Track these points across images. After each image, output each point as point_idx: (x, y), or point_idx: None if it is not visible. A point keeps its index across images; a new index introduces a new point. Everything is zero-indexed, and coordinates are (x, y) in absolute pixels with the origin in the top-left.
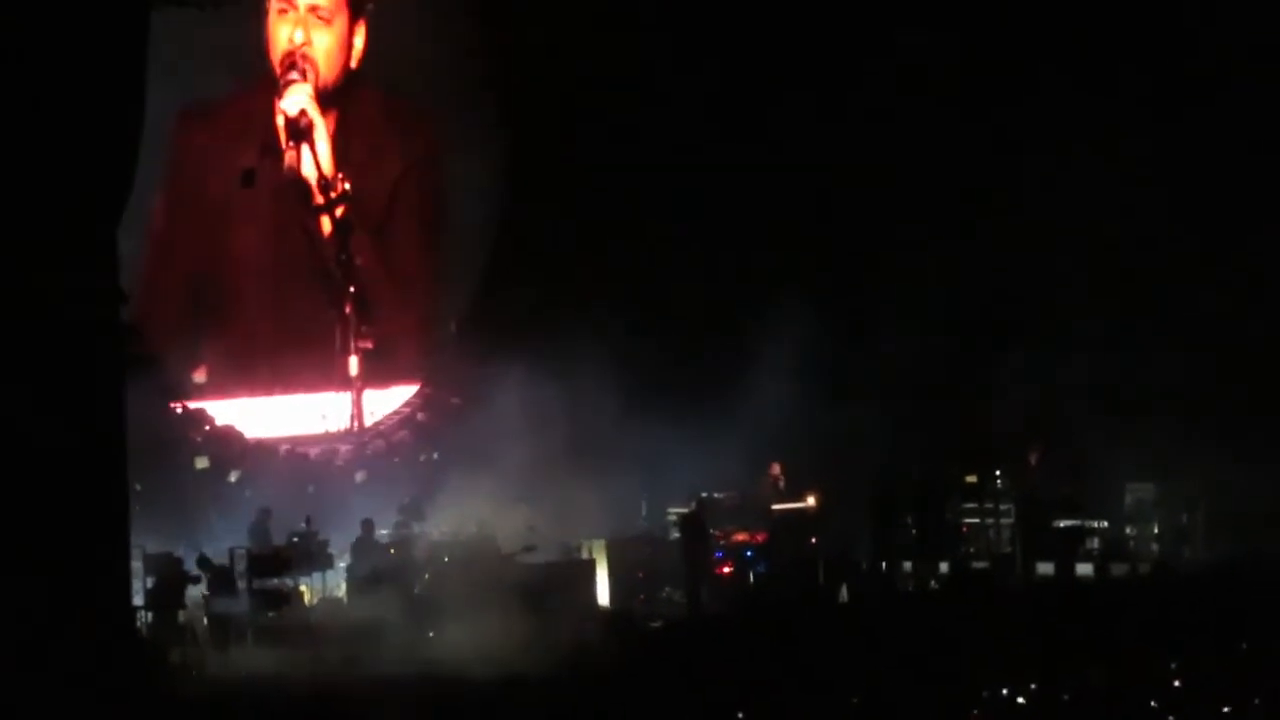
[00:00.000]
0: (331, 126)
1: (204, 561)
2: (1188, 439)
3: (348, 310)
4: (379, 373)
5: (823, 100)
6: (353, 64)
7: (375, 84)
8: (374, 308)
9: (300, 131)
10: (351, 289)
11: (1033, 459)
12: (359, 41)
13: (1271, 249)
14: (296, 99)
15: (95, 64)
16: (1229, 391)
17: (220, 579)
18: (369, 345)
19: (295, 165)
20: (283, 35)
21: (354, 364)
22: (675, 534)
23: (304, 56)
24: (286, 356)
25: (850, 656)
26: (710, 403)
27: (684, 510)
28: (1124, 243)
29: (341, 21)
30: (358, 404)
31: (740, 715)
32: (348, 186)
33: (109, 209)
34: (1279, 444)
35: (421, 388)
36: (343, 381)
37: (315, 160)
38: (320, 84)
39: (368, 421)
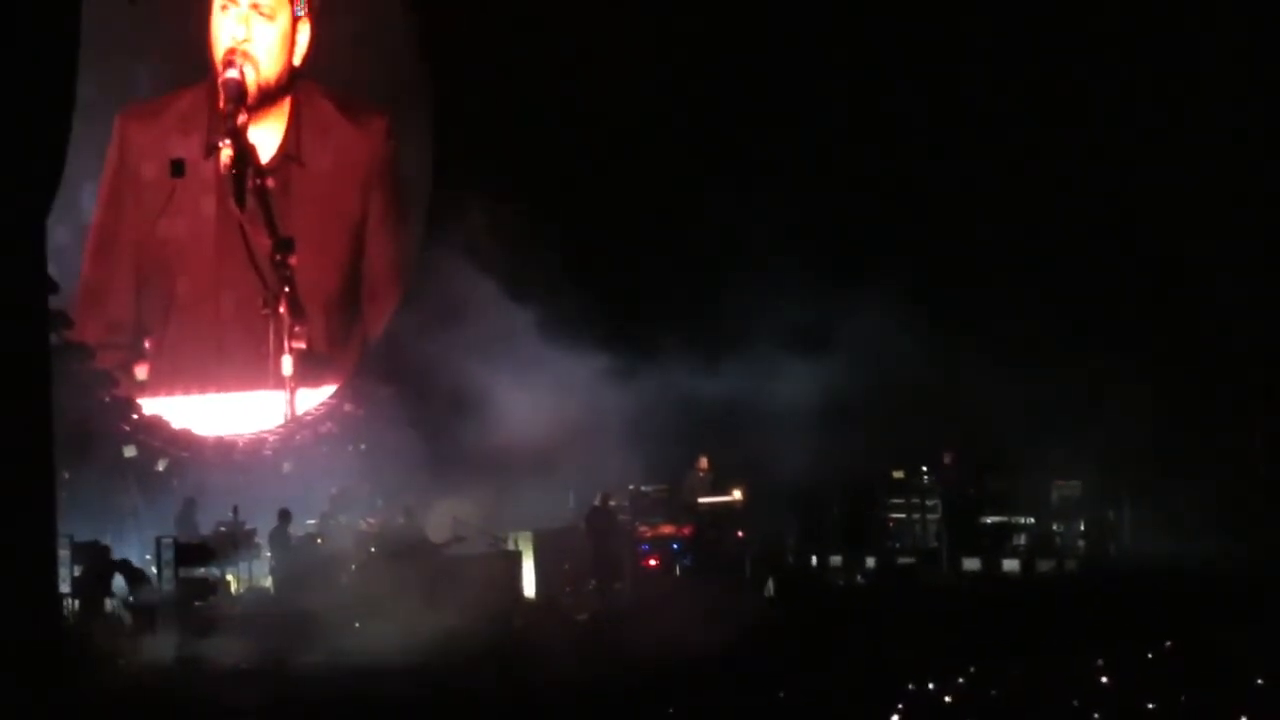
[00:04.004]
0: (285, 122)
1: (125, 565)
2: (1114, 436)
3: (282, 310)
4: (314, 372)
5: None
6: (296, 61)
7: (324, 82)
8: (308, 307)
9: (235, 129)
10: (285, 289)
11: (947, 459)
12: (303, 39)
13: (1202, 246)
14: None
15: (24, 49)
16: (1156, 390)
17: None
18: (302, 345)
19: (229, 161)
20: (224, 31)
21: (287, 363)
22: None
23: (244, 54)
24: (223, 355)
25: (774, 650)
26: (640, 396)
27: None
28: (1055, 241)
29: (285, 18)
30: (292, 404)
31: (670, 711)
32: (271, 182)
33: (38, 195)
34: (1204, 442)
35: (349, 379)
36: (276, 381)
37: (248, 155)
38: (261, 80)
39: None
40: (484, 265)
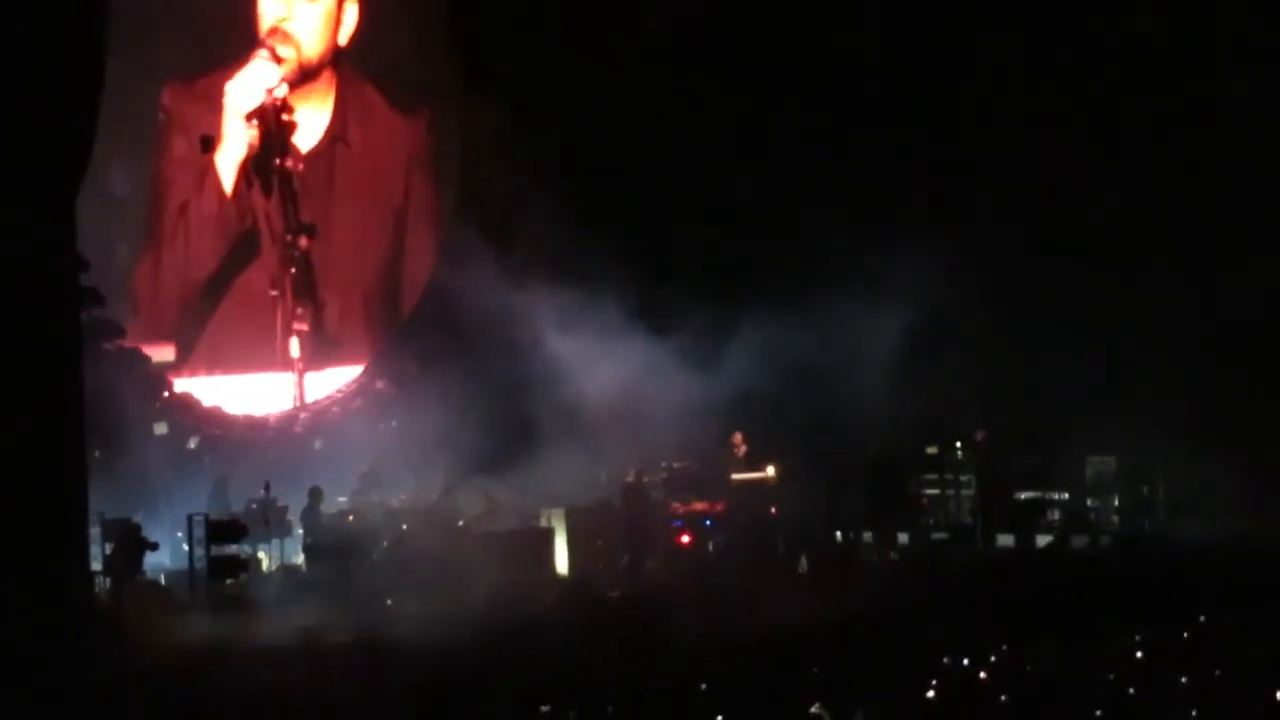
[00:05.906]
0: (331, 104)
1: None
2: (1150, 411)
3: (287, 291)
4: (325, 355)
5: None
6: (342, 41)
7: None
8: (344, 289)
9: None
10: (293, 270)
11: (980, 435)
12: (349, 18)
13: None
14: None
15: (51, 32)
16: (1192, 364)
17: None
18: (304, 327)
19: (255, 142)
20: (269, 10)
21: (295, 345)
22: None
23: (284, 33)
24: (238, 337)
25: (810, 627)
26: (673, 372)
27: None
28: (1091, 222)
29: None
30: (300, 386)
31: (703, 686)
32: (289, 165)
33: (68, 174)
34: (1239, 416)
35: (379, 356)
36: (283, 362)
37: (274, 138)
38: (304, 59)
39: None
40: (515, 243)
